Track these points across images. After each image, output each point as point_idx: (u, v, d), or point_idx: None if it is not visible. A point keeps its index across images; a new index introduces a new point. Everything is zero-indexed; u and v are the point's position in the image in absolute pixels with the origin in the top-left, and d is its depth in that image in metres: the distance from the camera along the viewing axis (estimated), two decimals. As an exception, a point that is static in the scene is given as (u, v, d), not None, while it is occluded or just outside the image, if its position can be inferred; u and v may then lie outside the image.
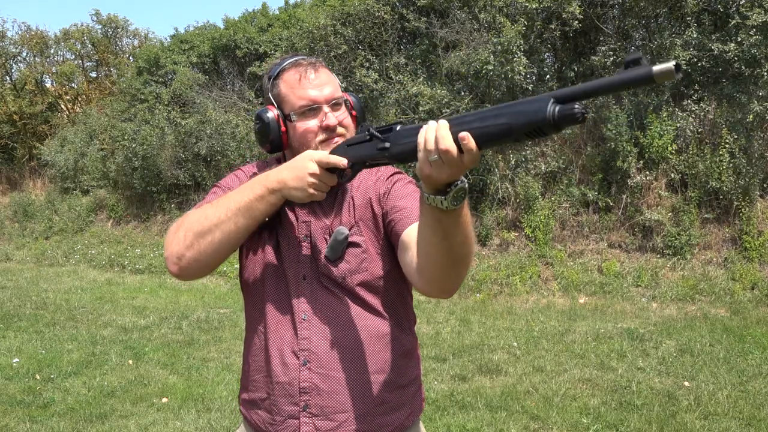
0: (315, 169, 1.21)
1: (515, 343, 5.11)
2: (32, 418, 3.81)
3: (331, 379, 1.31)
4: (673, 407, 3.75)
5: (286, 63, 1.36)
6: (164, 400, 4.12)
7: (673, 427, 3.50)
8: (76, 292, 7.72)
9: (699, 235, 6.74)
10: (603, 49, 7.36)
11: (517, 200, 7.55)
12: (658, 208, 6.93)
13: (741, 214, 6.63)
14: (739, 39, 6.56)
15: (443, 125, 0.95)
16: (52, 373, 4.61)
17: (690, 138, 6.91)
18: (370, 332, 1.34)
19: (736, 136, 6.61)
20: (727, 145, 6.58)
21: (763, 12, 6.43)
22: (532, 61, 7.52)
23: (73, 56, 15.29)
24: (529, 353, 4.87)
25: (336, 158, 1.22)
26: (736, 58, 6.62)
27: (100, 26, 15.21)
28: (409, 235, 1.25)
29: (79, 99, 14.67)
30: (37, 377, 4.54)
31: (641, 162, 7.05)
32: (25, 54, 15.30)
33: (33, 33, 15.12)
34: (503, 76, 7.23)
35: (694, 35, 6.90)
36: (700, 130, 6.92)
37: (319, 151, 1.25)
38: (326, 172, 1.23)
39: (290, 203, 1.38)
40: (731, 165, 6.60)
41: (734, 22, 6.65)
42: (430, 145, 0.96)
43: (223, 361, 4.89)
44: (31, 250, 11.00)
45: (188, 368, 4.74)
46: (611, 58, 7.30)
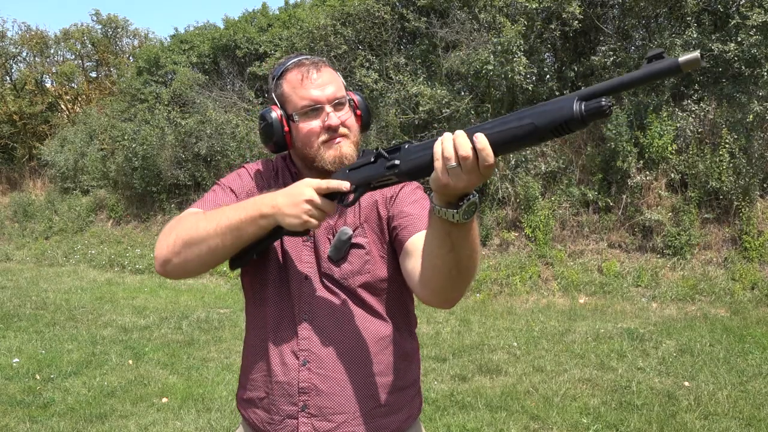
0: (312, 195, 1.17)
1: (515, 343, 5.11)
2: (32, 418, 3.81)
3: (331, 380, 1.31)
4: (673, 407, 3.75)
5: (289, 63, 1.35)
6: (164, 400, 4.12)
7: (673, 427, 3.50)
8: (76, 292, 7.72)
9: (699, 235, 6.74)
10: (603, 49, 7.36)
11: (517, 200, 7.55)
12: (658, 208, 6.93)
13: (741, 214, 6.63)
14: (739, 39, 6.56)
15: (461, 133, 0.96)
16: (52, 373, 4.61)
17: (690, 138, 6.91)
18: (371, 334, 1.34)
19: (736, 136, 6.60)
20: (727, 145, 6.58)
21: (763, 12, 6.43)
22: (532, 61, 7.52)
23: (73, 56, 15.28)
24: (529, 353, 4.87)
25: (336, 182, 1.19)
26: (736, 58, 6.62)
27: (100, 26, 15.20)
28: (414, 243, 1.24)
29: (79, 99, 14.67)
30: (37, 377, 4.55)
31: (641, 162, 7.05)
32: (25, 54, 15.31)
33: (33, 33, 15.12)
34: (503, 76, 7.23)
35: (694, 35, 6.90)
36: (700, 130, 6.92)
37: (318, 180, 1.20)
38: (325, 199, 1.18)
39: None
40: (731, 165, 6.60)
41: (734, 22, 6.65)
42: (449, 153, 0.95)
43: (223, 361, 4.89)
44: (31, 250, 11.00)
45: (188, 368, 4.74)
46: (611, 58, 7.30)
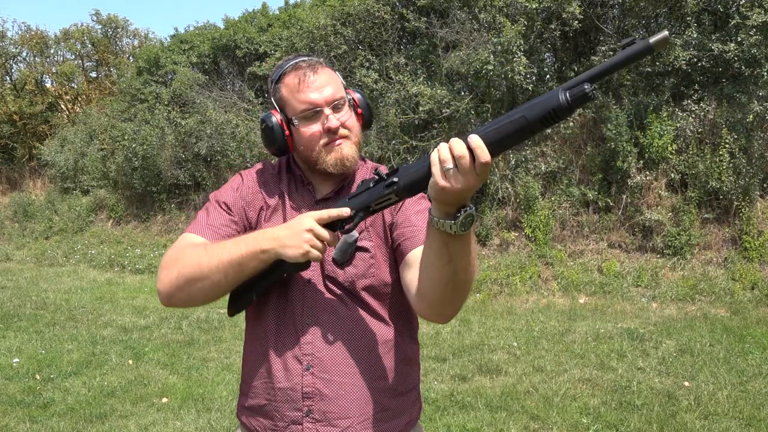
0: (312, 225, 1.19)
1: (515, 343, 5.11)
2: (32, 418, 3.81)
3: (335, 385, 1.30)
4: (673, 407, 3.75)
5: (287, 66, 1.35)
6: (164, 400, 4.12)
7: (673, 427, 3.50)
8: (76, 292, 7.72)
9: (699, 235, 6.73)
10: (603, 49, 7.36)
11: (517, 200, 7.55)
12: (658, 208, 6.92)
13: (741, 214, 6.63)
14: (739, 39, 6.56)
15: (455, 138, 1.00)
16: (52, 373, 4.61)
17: (690, 138, 6.91)
18: (374, 338, 1.34)
19: (736, 136, 6.60)
20: (727, 145, 6.58)
21: (763, 12, 6.42)
22: (532, 61, 7.52)
23: (73, 56, 15.27)
24: (529, 353, 4.87)
25: (336, 211, 1.21)
26: (736, 58, 6.62)
27: (100, 26, 15.19)
28: (416, 255, 1.26)
29: (79, 99, 14.66)
30: (37, 377, 4.55)
31: (641, 162, 7.05)
32: (25, 54, 15.30)
33: (33, 33, 15.11)
34: (503, 76, 7.22)
35: (694, 35, 6.90)
36: (700, 130, 6.91)
37: (318, 211, 1.23)
38: (325, 229, 1.21)
39: (297, 206, 1.38)
40: (731, 165, 6.60)
41: (734, 22, 6.64)
42: (445, 155, 0.98)
43: (223, 361, 4.89)
44: (31, 250, 11.00)
45: (188, 368, 4.74)
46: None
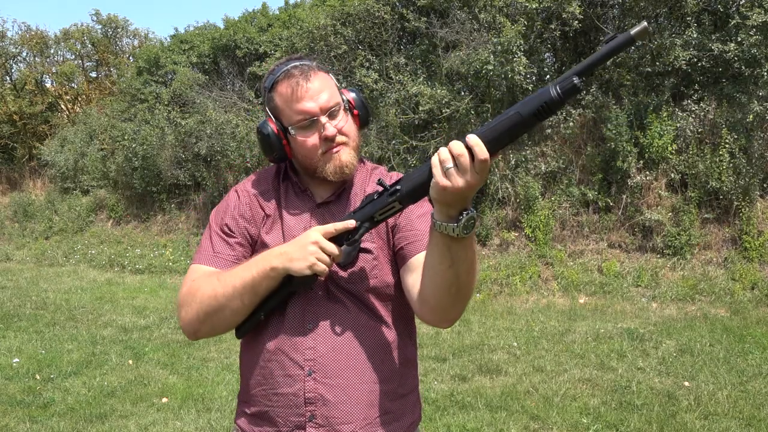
0: (317, 238, 1.22)
1: (515, 343, 5.11)
2: (32, 418, 3.81)
3: (337, 389, 1.30)
4: (673, 407, 3.75)
5: (279, 74, 1.33)
6: (164, 400, 4.12)
7: (673, 427, 3.50)
8: (76, 292, 7.72)
9: (699, 235, 6.73)
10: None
11: (517, 200, 7.55)
12: (658, 208, 6.92)
13: (741, 214, 6.63)
14: (739, 39, 6.56)
15: (454, 140, 1.03)
16: (52, 373, 4.61)
17: (690, 138, 6.91)
18: (377, 342, 1.34)
19: (736, 136, 6.60)
20: (727, 145, 6.58)
21: (763, 12, 6.42)
22: (532, 61, 7.52)
23: (73, 56, 15.28)
24: (529, 353, 4.87)
25: (342, 224, 1.24)
26: (736, 58, 6.61)
27: (100, 26, 15.20)
28: (419, 260, 1.27)
29: (79, 99, 14.66)
30: (37, 377, 4.55)
31: (641, 162, 7.05)
32: (25, 54, 15.30)
33: (33, 33, 15.11)
34: (503, 76, 7.22)
35: (694, 35, 6.90)
36: (700, 130, 6.91)
37: (324, 225, 1.26)
38: (331, 243, 1.23)
39: (298, 213, 1.38)
40: (731, 165, 6.60)
41: (734, 22, 6.64)
42: (445, 156, 1.02)
43: (223, 361, 4.89)
44: (31, 250, 11.00)
45: (188, 368, 4.74)
46: (611, 58, 7.29)
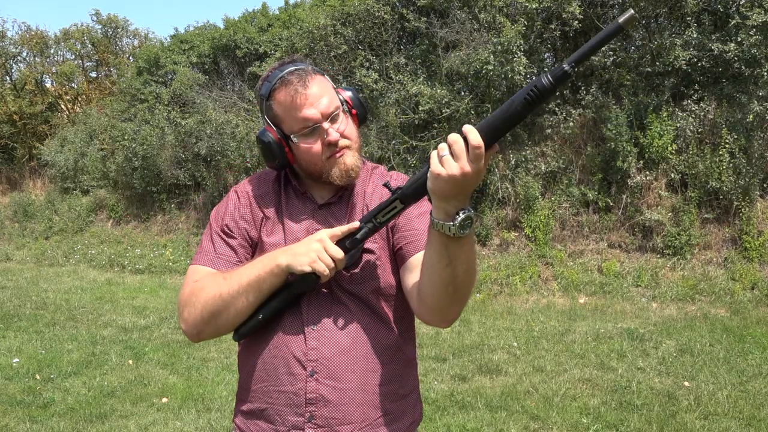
0: (323, 237, 1.25)
1: (515, 343, 5.11)
2: (32, 418, 3.81)
3: (339, 391, 1.30)
4: (673, 407, 3.75)
5: (275, 81, 1.32)
6: (164, 400, 4.12)
7: (673, 427, 3.50)
8: (76, 292, 7.72)
9: (699, 235, 6.73)
10: (603, 48, 7.36)
11: (517, 200, 7.55)
12: (658, 208, 6.92)
13: (741, 214, 6.63)
14: (739, 39, 6.56)
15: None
16: (52, 373, 4.61)
17: (690, 138, 6.90)
18: (379, 343, 1.34)
19: (736, 136, 6.60)
20: (727, 145, 6.58)
21: (763, 12, 6.42)
22: (532, 61, 7.51)
23: (73, 56, 15.27)
24: (529, 353, 4.87)
25: (347, 226, 1.27)
26: (736, 58, 6.61)
27: (100, 26, 15.20)
28: (418, 260, 1.28)
29: (79, 99, 14.66)
30: (37, 377, 4.55)
31: (641, 162, 7.05)
32: (25, 54, 15.30)
33: (33, 33, 15.11)
34: (503, 76, 7.22)
35: (694, 35, 6.90)
36: (700, 130, 6.91)
37: (332, 228, 1.28)
38: (334, 245, 1.25)
39: (300, 215, 1.39)
40: (731, 165, 6.60)
41: (734, 22, 6.64)
42: (441, 146, 1.05)
43: (223, 361, 4.89)
44: (31, 250, 11.00)
45: (188, 368, 4.74)
46: (611, 58, 7.30)
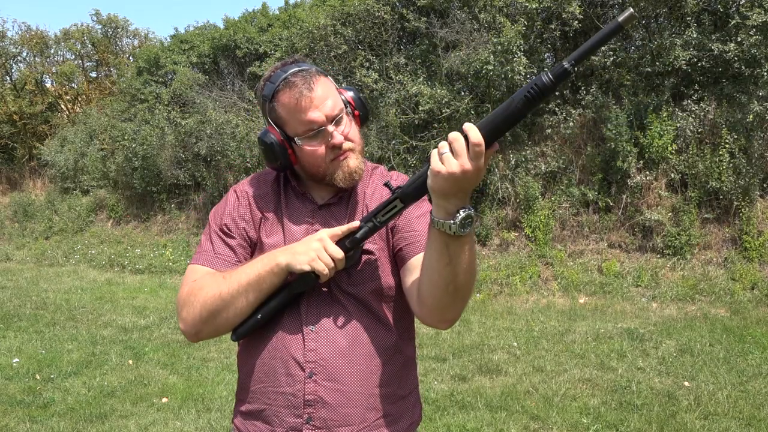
0: (323, 236, 1.25)
1: (515, 343, 5.11)
2: (32, 418, 3.81)
3: (337, 393, 1.30)
4: (673, 407, 3.75)
5: (279, 82, 1.31)
6: (164, 400, 4.12)
7: (673, 427, 3.50)
8: (76, 292, 7.72)
9: (699, 235, 6.73)
10: (603, 49, 7.36)
11: (517, 200, 7.55)
12: (658, 208, 6.92)
13: (741, 214, 6.63)
14: (739, 39, 6.56)
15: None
16: (52, 373, 4.61)
17: (690, 138, 6.91)
18: (378, 345, 1.34)
19: (736, 136, 6.60)
20: (727, 145, 6.58)
21: (763, 12, 6.43)
22: (532, 61, 7.51)
23: (73, 56, 15.27)
24: (529, 353, 4.87)
25: (347, 225, 1.27)
26: (736, 58, 6.62)
27: (100, 26, 15.20)
28: (418, 261, 1.28)
29: (79, 99, 14.66)
30: (37, 377, 4.55)
31: (641, 162, 7.05)
32: (25, 54, 15.29)
33: (33, 33, 15.11)
34: (503, 76, 7.23)
35: (694, 35, 6.90)
36: (700, 130, 6.91)
37: (331, 228, 1.28)
38: (335, 245, 1.25)
39: (299, 215, 1.39)
40: (731, 165, 6.60)
41: (734, 22, 6.65)
42: (441, 144, 1.05)
43: (223, 361, 4.89)
44: (31, 250, 11.00)
45: (188, 368, 4.74)
46: (611, 58, 7.30)
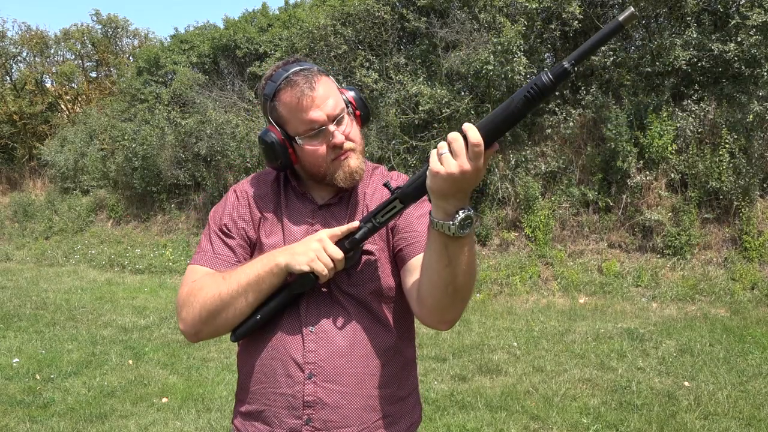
0: (322, 236, 1.25)
1: (515, 343, 5.11)
2: (32, 418, 3.81)
3: (337, 394, 1.29)
4: (673, 407, 3.75)
5: (280, 81, 1.30)
6: (164, 400, 4.12)
7: (673, 427, 3.50)
8: (76, 292, 7.72)
9: (699, 235, 6.73)
10: (603, 49, 7.35)
11: (517, 200, 7.55)
12: (658, 208, 6.92)
13: (741, 214, 6.63)
14: (739, 39, 6.56)
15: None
16: (52, 373, 4.61)
17: (690, 138, 6.91)
18: (377, 346, 1.33)
19: (736, 136, 6.60)
20: (727, 145, 6.58)
21: (763, 12, 6.43)
22: (532, 61, 7.51)
23: (73, 56, 15.27)
24: (529, 353, 4.87)
25: (347, 225, 1.27)
26: (736, 58, 6.62)
27: (100, 26, 15.20)
28: (418, 261, 1.27)
29: (79, 99, 14.66)
30: (37, 377, 4.55)
31: (641, 162, 7.05)
32: (25, 54, 15.30)
33: (33, 33, 15.11)
34: (503, 76, 7.23)
35: (694, 35, 6.90)
36: (700, 130, 6.91)
37: (330, 228, 1.28)
38: (334, 246, 1.25)
39: (299, 216, 1.38)
40: (731, 165, 6.60)
41: (734, 22, 6.65)
42: (441, 144, 1.05)
43: (223, 361, 4.89)
44: (31, 250, 11.00)
45: (188, 368, 4.74)
46: (611, 58, 7.30)
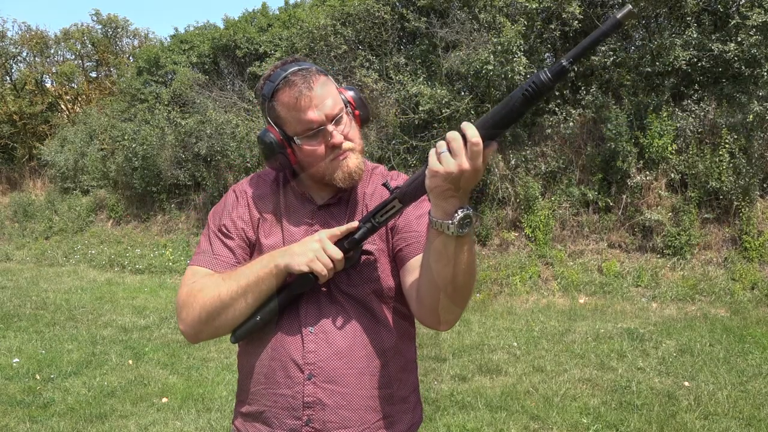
0: (321, 237, 1.25)
1: (515, 343, 5.11)
2: (32, 418, 3.81)
3: (336, 395, 1.29)
4: (673, 407, 3.75)
5: (278, 81, 1.30)
6: (164, 400, 4.12)
7: (673, 427, 3.50)
8: (76, 292, 7.72)
9: (699, 235, 6.74)
10: (603, 49, 7.37)
11: (517, 200, 7.55)
12: (658, 208, 6.92)
13: (741, 214, 6.63)
14: (739, 39, 6.56)
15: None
16: (52, 373, 4.61)
17: (690, 138, 6.91)
18: (377, 346, 1.33)
19: (736, 136, 6.60)
20: (727, 145, 6.58)
21: (763, 12, 6.43)
22: (532, 61, 7.51)
23: (73, 56, 15.27)
24: (529, 353, 4.87)
25: (346, 225, 1.26)
26: (736, 58, 6.62)
27: (100, 26, 15.20)
28: (418, 261, 1.27)
29: (79, 99, 14.66)
30: (37, 377, 4.55)
31: (641, 162, 7.05)
32: (25, 54, 15.29)
33: (33, 33, 15.11)
34: (503, 76, 7.22)
35: (694, 35, 6.90)
36: (700, 130, 6.92)
37: (330, 229, 1.28)
38: (334, 246, 1.25)
39: (299, 216, 1.38)
40: (731, 165, 6.60)
41: (734, 22, 6.65)
42: (439, 143, 1.05)
43: (223, 361, 4.89)
44: (31, 250, 11.00)
45: (188, 368, 4.74)
46: (611, 58, 7.30)
